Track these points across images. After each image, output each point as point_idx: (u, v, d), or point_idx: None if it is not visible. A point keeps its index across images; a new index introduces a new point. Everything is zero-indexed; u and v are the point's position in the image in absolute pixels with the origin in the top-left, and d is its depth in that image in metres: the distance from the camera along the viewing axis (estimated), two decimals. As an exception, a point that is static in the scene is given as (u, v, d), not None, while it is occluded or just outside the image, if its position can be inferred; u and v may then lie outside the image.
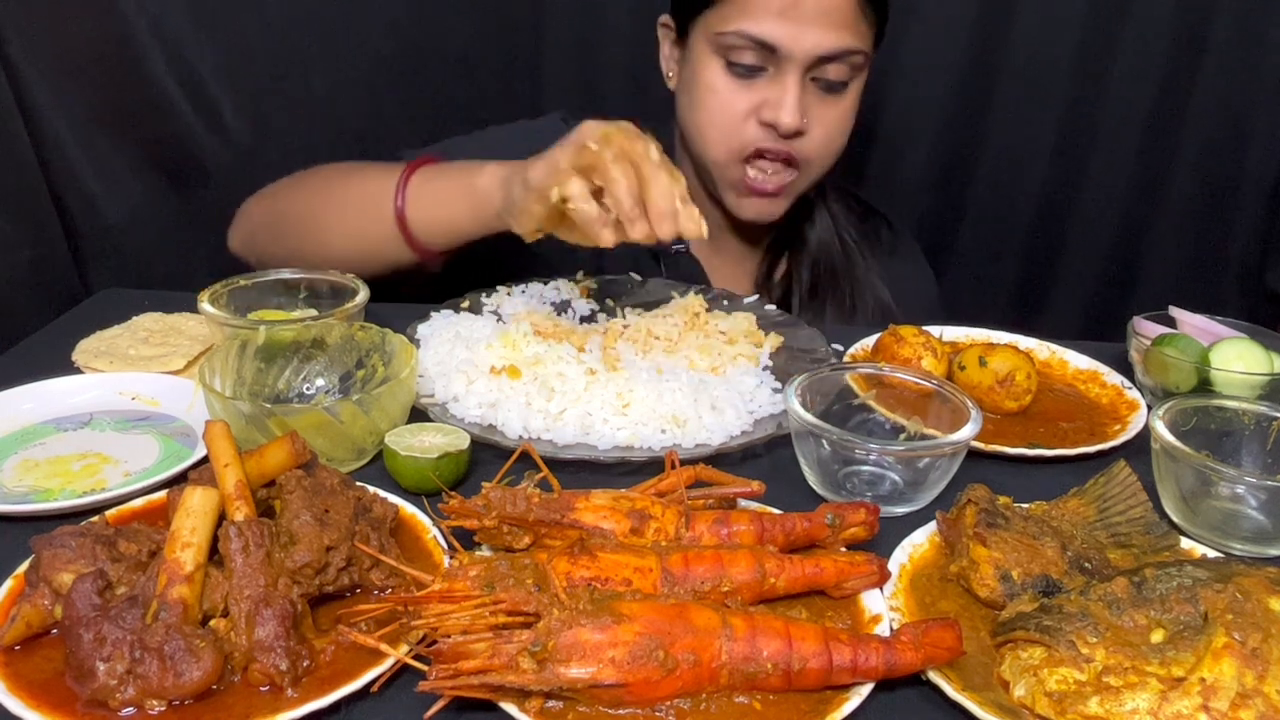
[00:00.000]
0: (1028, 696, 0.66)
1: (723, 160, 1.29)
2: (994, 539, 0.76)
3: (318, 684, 0.65)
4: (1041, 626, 0.68)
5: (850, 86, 1.26)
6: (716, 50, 1.24)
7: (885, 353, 1.06)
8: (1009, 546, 0.76)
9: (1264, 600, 0.68)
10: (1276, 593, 0.69)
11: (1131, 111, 1.74)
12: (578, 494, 0.79)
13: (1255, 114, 1.72)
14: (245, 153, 1.67)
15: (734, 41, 1.22)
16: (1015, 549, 0.76)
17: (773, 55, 1.21)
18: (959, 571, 0.78)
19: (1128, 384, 1.10)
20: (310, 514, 0.73)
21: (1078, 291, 1.89)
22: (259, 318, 1.10)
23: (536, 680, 0.62)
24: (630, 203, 0.97)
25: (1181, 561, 0.75)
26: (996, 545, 0.76)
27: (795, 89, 1.21)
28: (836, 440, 0.86)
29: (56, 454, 0.95)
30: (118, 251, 1.62)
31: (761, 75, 1.23)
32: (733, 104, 1.25)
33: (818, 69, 1.22)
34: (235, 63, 1.62)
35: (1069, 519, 0.84)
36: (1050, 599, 0.72)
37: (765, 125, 1.24)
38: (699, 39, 1.27)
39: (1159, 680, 0.64)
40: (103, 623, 0.64)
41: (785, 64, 1.20)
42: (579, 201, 0.99)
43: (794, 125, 1.22)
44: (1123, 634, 0.68)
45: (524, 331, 1.06)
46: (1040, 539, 0.77)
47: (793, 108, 1.21)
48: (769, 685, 0.65)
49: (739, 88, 1.24)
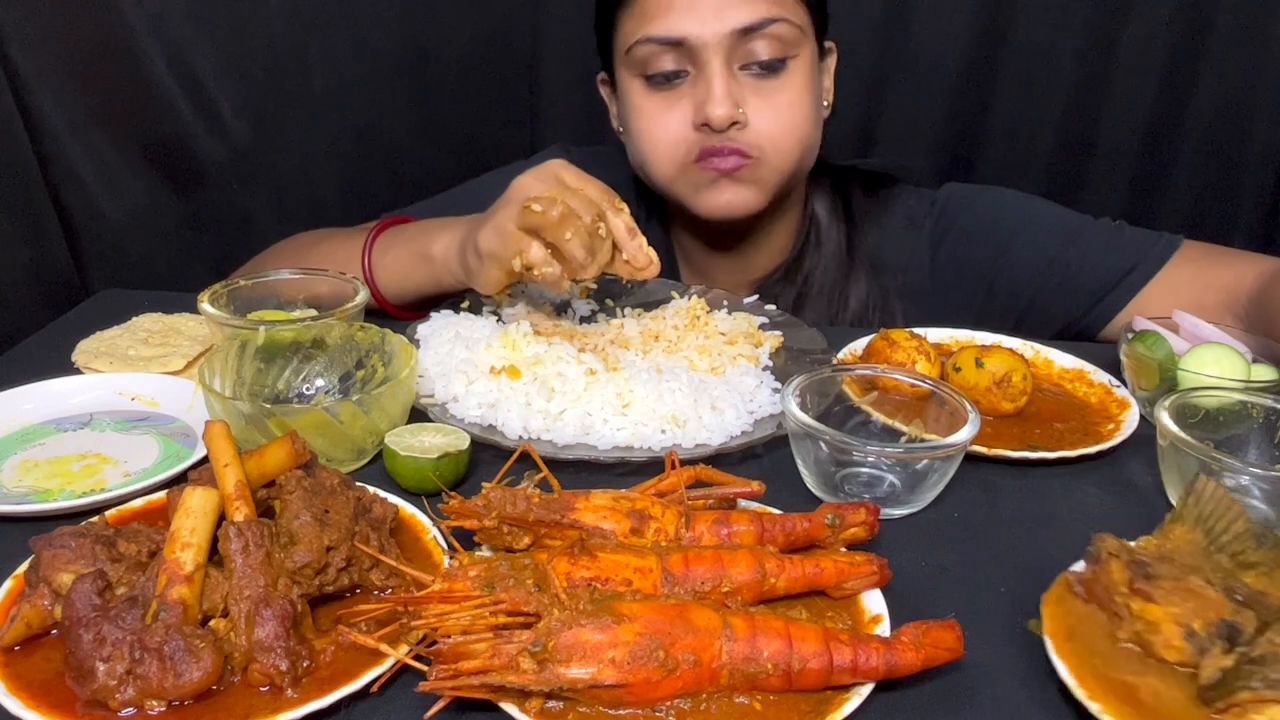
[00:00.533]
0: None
1: (672, 174, 1.22)
2: (1159, 594, 0.68)
3: (318, 684, 0.65)
4: (1270, 681, 0.61)
5: (791, 65, 1.16)
6: (634, 71, 1.19)
7: (877, 356, 1.06)
8: (1178, 597, 0.68)
9: None
10: None
11: (1132, 111, 1.74)
12: (578, 494, 0.79)
13: (1255, 113, 1.72)
14: (245, 153, 1.67)
15: (643, 52, 1.16)
16: (1184, 598, 0.68)
17: (686, 52, 1.14)
18: (1132, 637, 0.69)
19: (1115, 382, 1.10)
20: (310, 514, 0.73)
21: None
22: (259, 318, 1.10)
23: (536, 680, 0.62)
24: (584, 255, 0.98)
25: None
26: (1165, 600, 0.68)
27: (719, 78, 1.13)
28: (834, 442, 0.86)
29: (56, 454, 0.95)
30: (118, 251, 1.62)
31: (684, 79, 1.17)
32: (664, 117, 1.19)
33: (743, 53, 1.14)
34: (235, 63, 1.62)
35: (1186, 550, 0.75)
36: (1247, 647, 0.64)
37: (701, 128, 1.16)
38: (620, 71, 1.23)
39: None
40: (103, 623, 0.64)
41: (701, 56, 1.13)
42: (542, 267, 1.00)
43: (725, 115, 1.13)
44: None
45: (524, 331, 1.06)
46: (1191, 580, 0.69)
47: (720, 97, 1.13)
48: (769, 685, 0.66)
49: (665, 100, 1.18)
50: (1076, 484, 0.95)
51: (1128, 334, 1.10)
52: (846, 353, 1.13)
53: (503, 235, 1.02)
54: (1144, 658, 0.68)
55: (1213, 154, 1.76)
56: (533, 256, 1.00)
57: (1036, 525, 0.89)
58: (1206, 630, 0.67)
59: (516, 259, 1.01)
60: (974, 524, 0.89)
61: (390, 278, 1.22)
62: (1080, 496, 0.93)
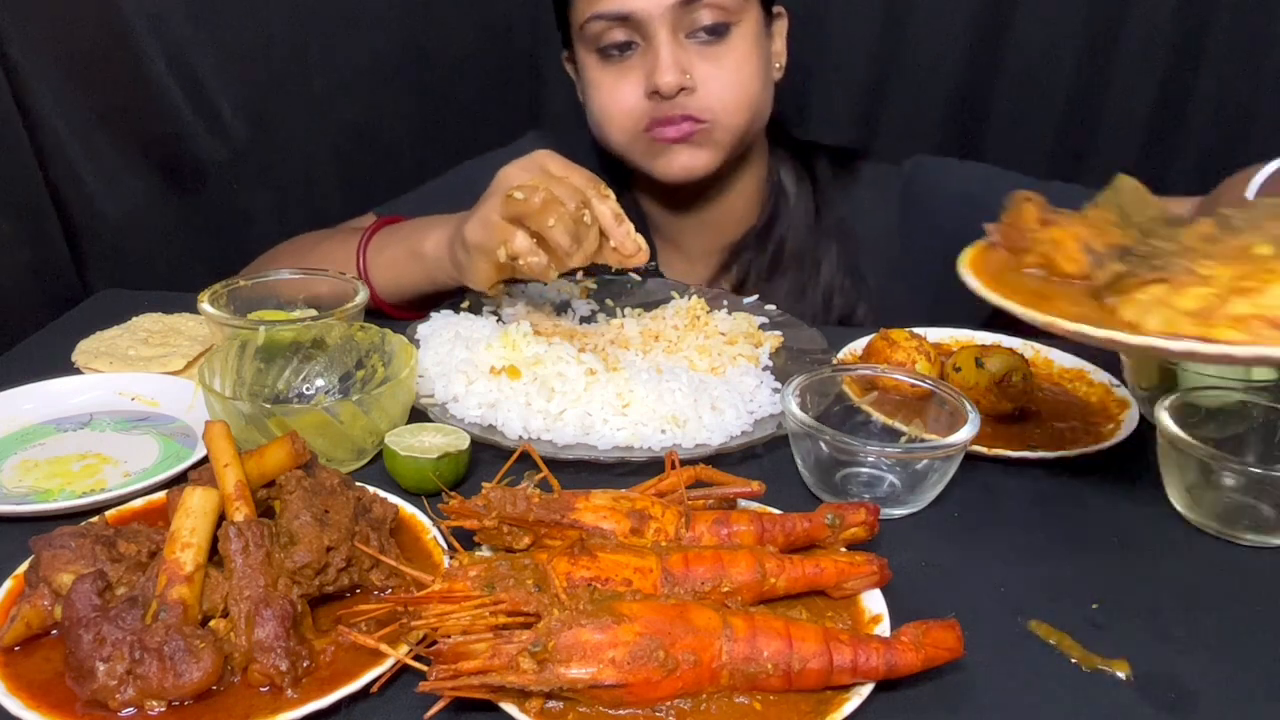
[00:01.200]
0: (1165, 325, 0.69)
1: (627, 141, 1.27)
2: (1064, 221, 0.80)
3: (318, 684, 0.65)
4: (1153, 267, 0.72)
5: (735, 30, 1.21)
6: (589, 47, 1.25)
7: (877, 356, 1.06)
8: (1090, 231, 0.79)
9: None
10: None
11: (1131, 111, 1.74)
12: (578, 494, 0.79)
13: (1255, 114, 1.72)
14: (245, 153, 1.67)
15: (595, 28, 1.21)
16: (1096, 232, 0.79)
17: (634, 25, 1.19)
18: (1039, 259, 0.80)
19: (1115, 381, 1.10)
20: (310, 514, 0.73)
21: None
22: (259, 318, 1.10)
23: (536, 680, 0.62)
24: (569, 242, 0.98)
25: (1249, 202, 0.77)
26: (1069, 225, 0.79)
27: (666, 47, 1.18)
28: (834, 442, 0.86)
29: (56, 454, 0.95)
30: (118, 251, 1.62)
31: (634, 51, 1.22)
32: (618, 88, 1.24)
33: (687, 22, 1.19)
34: (235, 63, 1.62)
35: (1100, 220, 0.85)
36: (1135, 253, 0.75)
37: (653, 96, 1.22)
38: (577, 47, 1.28)
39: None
40: (102, 623, 0.64)
41: (648, 28, 1.19)
42: (528, 256, 1.00)
43: (672, 81, 1.18)
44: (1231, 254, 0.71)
45: (524, 331, 1.06)
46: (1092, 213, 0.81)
47: (667, 65, 1.18)
48: (769, 685, 0.66)
49: (618, 71, 1.23)
50: (1076, 484, 0.95)
51: None
52: (846, 353, 1.13)
53: (488, 226, 1.02)
54: (1048, 278, 0.81)
55: (1213, 154, 1.75)
56: (517, 245, 1.00)
57: (1036, 525, 0.89)
58: (1105, 249, 0.79)
59: (501, 249, 1.01)
60: (974, 524, 0.89)
61: (386, 277, 1.23)
62: (1080, 496, 0.93)
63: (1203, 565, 0.84)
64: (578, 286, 1.30)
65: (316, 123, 1.71)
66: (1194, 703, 0.69)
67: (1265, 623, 0.77)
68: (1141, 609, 0.78)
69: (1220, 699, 0.69)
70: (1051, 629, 0.75)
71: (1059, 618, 0.76)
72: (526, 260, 1.00)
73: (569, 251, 0.98)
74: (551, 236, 0.98)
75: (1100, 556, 0.85)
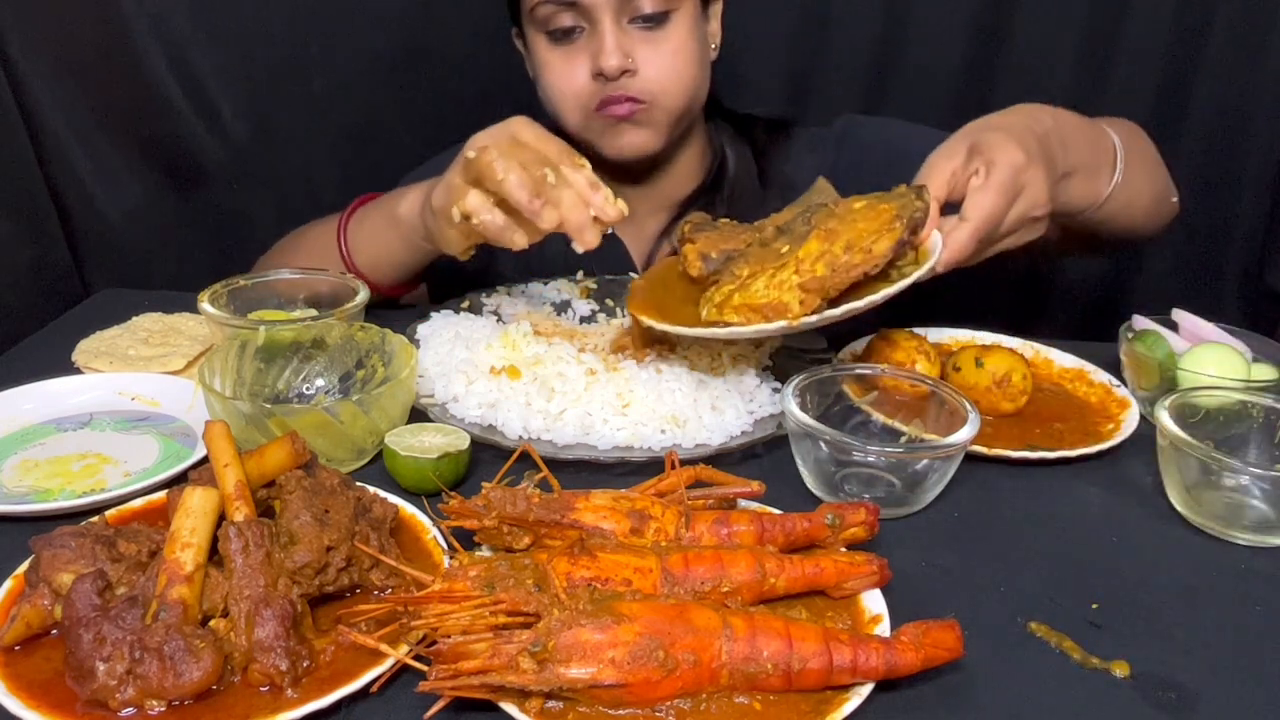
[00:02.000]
0: (705, 313, 0.95)
1: (579, 122, 1.31)
2: (699, 237, 1.04)
3: (318, 684, 0.65)
4: (716, 271, 1.00)
5: (674, 17, 1.26)
6: (537, 28, 1.28)
7: (877, 357, 1.06)
8: (710, 241, 1.03)
9: (849, 203, 0.97)
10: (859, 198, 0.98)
11: (1131, 111, 1.73)
12: (578, 494, 0.79)
13: (1255, 114, 1.72)
14: (245, 153, 1.67)
15: (544, 11, 1.25)
16: (715, 241, 1.03)
17: (581, 11, 1.23)
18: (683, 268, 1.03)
19: (1115, 382, 1.10)
20: (310, 514, 0.73)
21: (1077, 292, 1.89)
22: (259, 318, 1.10)
23: (536, 680, 0.62)
24: (526, 196, 0.97)
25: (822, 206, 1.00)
26: (701, 241, 1.03)
27: (609, 33, 1.23)
28: (834, 442, 0.86)
29: (56, 454, 0.95)
30: (118, 251, 1.63)
31: (580, 35, 1.26)
32: (566, 70, 1.27)
33: (630, 9, 1.23)
34: (235, 63, 1.62)
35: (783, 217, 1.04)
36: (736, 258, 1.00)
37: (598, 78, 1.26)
38: (527, 28, 1.32)
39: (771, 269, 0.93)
40: (103, 623, 0.64)
41: (594, 14, 1.23)
42: (481, 214, 1.00)
43: (615, 64, 1.23)
44: (767, 255, 0.96)
45: (524, 331, 1.06)
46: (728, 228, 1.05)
47: (610, 49, 1.22)
48: (769, 685, 0.66)
49: (565, 54, 1.27)
50: (1076, 484, 0.95)
51: (1128, 334, 1.10)
52: (846, 353, 1.13)
53: (448, 189, 1.04)
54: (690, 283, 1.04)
55: (1213, 154, 1.75)
56: (469, 203, 1.00)
57: (1036, 525, 0.89)
58: (718, 254, 1.02)
59: (455, 209, 1.01)
60: (974, 524, 0.89)
61: (365, 250, 1.25)
62: (1080, 496, 0.94)
63: (1203, 565, 0.84)
64: (577, 286, 1.30)
65: (316, 123, 1.71)
66: (1194, 703, 0.69)
67: (1265, 623, 0.77)
68: (1141, 609, 0.78)
69: (1220, 699, 0.69)
70: (1051, 629, 0.75)
71: (1059, 618, 0.76)
72: (480, 219, 1.00)
73: (531, 209, 0.97)
74: (505, 190, 0.97)
75: (1100, 557, 0.85)
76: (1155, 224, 1.28)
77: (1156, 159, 1.25)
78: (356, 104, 1.72)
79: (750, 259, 0.96)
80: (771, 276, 0.93)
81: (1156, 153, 1.25)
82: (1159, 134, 1.74)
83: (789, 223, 1.00)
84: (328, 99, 1.70)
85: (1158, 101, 1.72)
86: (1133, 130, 1.23)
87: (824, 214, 0.96)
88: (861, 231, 0.92)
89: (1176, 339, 1.10)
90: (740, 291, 0.93)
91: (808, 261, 0.91)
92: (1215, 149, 1.75)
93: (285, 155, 1.71)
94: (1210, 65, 1.69)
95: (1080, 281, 1.88)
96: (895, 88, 1.76)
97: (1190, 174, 1.77)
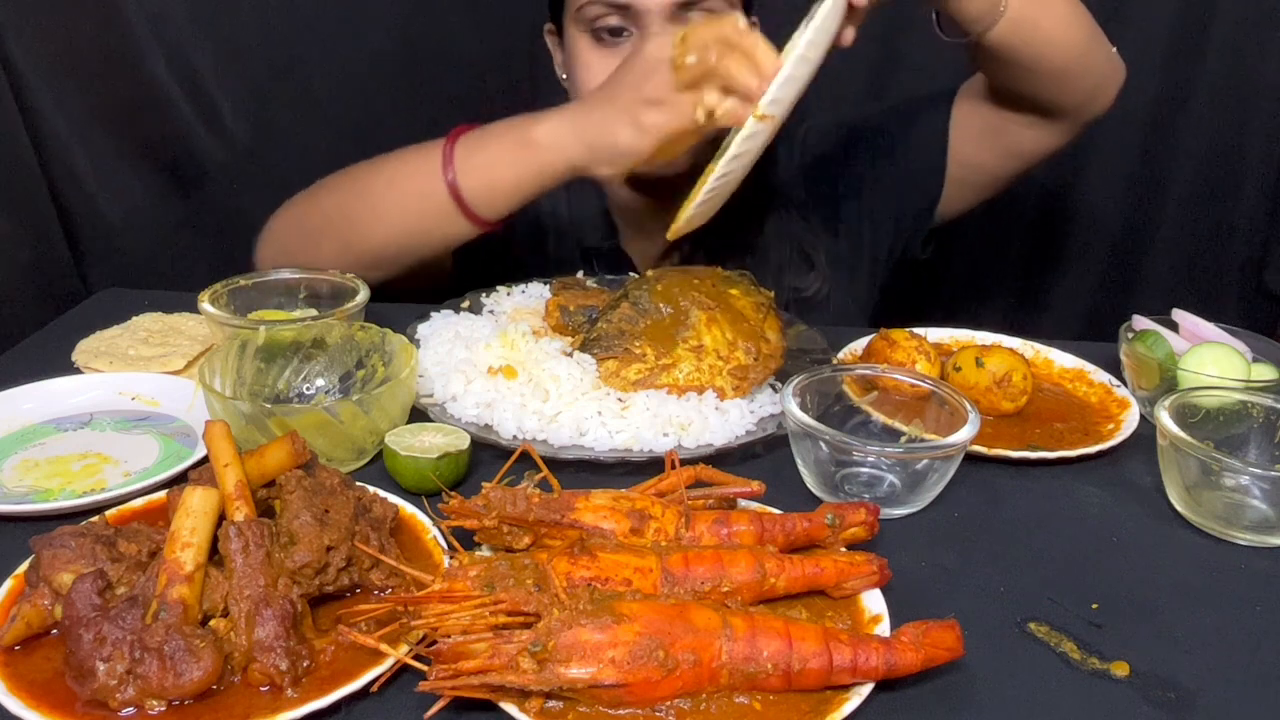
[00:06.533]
0: (620, 388, 0.99)
1: None
2: (563, 292, 1.14)
3: (318, 684, 0.65)
4: (608, 347, 1.01)
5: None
6: (582, 27, 1.26)
7: (877, 357, 1.06)
8: (571, 297, 1.12)
9: (723, 291, 1.06)
10: (730, 284, 1.08)
11: (1132, 111, 1.74)
12: (578, 494, 0.79)
13: (1255, 114, 1.72)
14: (245, 153, 1.67)
15: (593, 11, 1.23)
16: (576, 297, 1.12)
17: (631, 15, 1.22)
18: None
19: (1115, 382, 1.10)
20: (310, 514, 0.73)
21: (1078, 292, 1.89)
22: (259, 318, 1.10)
23: (536, 680, 0.62)
24: (756, 81, 0.99)
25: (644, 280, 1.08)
26: (561, 295, 1.12)
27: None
28: (834, 442, 0.86)
29: (56, 454, 0.95)
30: (118, 251, 1.63)
31: (626, 39, 1.24)
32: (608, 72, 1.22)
33: (680, 19, 1.21)
34: (235, 63, 1.62)
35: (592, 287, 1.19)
36: (595, 324, 1.04)
37: None
38: (569, 26, 1.29)
39: (688, 353, 1.00)
40: (103, 623, 0.64)
41: (644, 19, 1.21)
42: (725, 104, 1.01)
43: None
44: (655, 331, 1.02)
45: (523, 331, 1.06)
46: (598, 294, 1.14)
47: None
48: (769, 685, 0.66)
49: (608, 54, 1.24)
50: (1076, 484, 0.95)
51: (1128, 334, 1.10)
52: (846, 353, 1.13)
53: (665, 105, 1.04)
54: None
55: (1213, 154, 1.75)
56: (711, 100, 1.02)
57: (1036, 525, 0.89)
58: (576, 309, 1.10)
59: (698, 110, 1.02)
60: (974, 524, 0.89)
61: (482, 173, 1.16)
62: (1080, 496, 0.93)
63: (1203, 565, 0.84)
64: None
65: (316, 123, 1.71)
66: (1194, 703, 0.69)
67: (1265, 623, 0.77)
68: (1141, 609, 0.78)
69: (1220, 699, 0.69)
70: (1051, 629, 0.75)
71: (1059, 618, 0.76)
72: (725, 110, 1.01)
73: (759, 90, 0.98)
74: (739, 84, 0.99)
75: (1100, 556, 0.85)
76: (1089, 77, 1.27)
77: (1084, 10, 1.24)
78: (356, 104, 1.72)
79: (644, 337, 1.01)
80: (694, 363, 1.00)
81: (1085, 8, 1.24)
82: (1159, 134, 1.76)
83: (635, 298, 1.05)
84: (328, 99, 1.70)
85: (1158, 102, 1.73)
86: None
87: (699, 297, 1.04)
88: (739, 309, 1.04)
89: (1176, 339, 1.10)
90: (667, 374, 1.00)
91: (722, 346, 1.01)
92: (1215, 149, 1.75)
93: (285, 155, 1.71)
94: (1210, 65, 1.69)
95: (1080, 281, 1.88)
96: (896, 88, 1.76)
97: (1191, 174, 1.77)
